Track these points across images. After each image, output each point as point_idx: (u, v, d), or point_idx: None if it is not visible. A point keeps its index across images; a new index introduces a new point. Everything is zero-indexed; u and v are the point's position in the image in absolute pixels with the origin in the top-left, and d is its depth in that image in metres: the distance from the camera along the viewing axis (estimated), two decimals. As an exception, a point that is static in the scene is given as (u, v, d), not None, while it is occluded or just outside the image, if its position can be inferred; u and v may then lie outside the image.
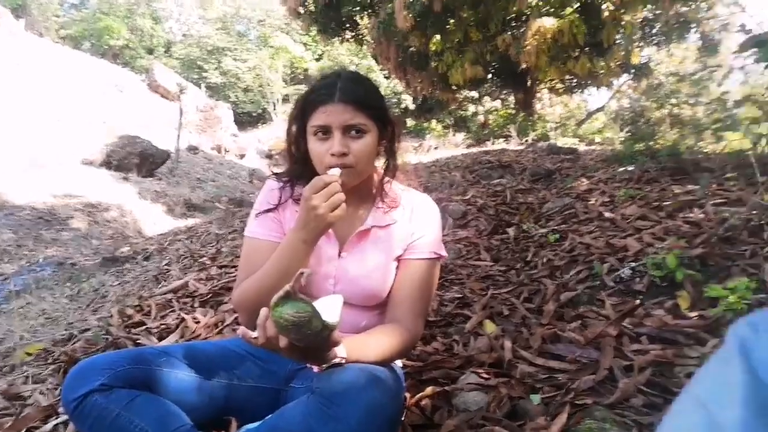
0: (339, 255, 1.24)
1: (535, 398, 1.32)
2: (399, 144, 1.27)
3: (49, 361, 2.23)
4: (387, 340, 1.14)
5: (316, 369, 1.02)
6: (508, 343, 1.64)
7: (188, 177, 12.79)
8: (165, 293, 2.92)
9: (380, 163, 1.27)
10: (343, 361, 1.01)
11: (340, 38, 11.46)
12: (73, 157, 10.49)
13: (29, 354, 2.43)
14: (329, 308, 0.98)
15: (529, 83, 11.31)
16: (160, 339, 2.15)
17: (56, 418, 1.53)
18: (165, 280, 3.64)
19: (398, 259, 1.25)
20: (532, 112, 11.69)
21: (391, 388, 1.00)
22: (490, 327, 1.85)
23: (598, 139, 10.95)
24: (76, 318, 3.48)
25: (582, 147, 7.92)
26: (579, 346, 1.58)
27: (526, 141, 9.50)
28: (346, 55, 25.27)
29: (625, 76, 11.43)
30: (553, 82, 11.60)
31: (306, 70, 29.34)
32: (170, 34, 34.04)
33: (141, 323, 2.43)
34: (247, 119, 27.33)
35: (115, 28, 29.31)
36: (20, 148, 9.92)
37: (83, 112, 13.60)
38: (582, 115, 15.39)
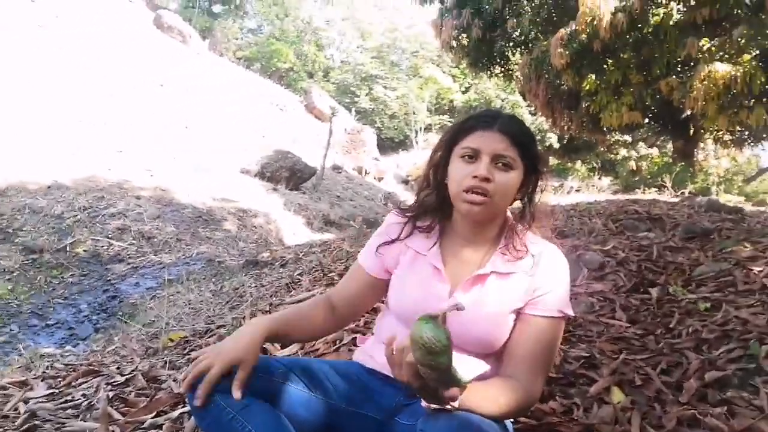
0: (450, 294, 1.20)
1: (662, 487, 1.17)
2: (541, 194, 1.24)
3: (186, 350, 2.46)
4: (505, 394, 1.06)
5: (423, 404, 0.99)
6: (636, 418, 1.48)
7: (329, 194, 13.53)
8: (293, 302, 3.08)
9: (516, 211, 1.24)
10: (456, 405, 0.95)
11: (489, 72, 11.45)
12: (233, 166, 11.63)
13: (171, 340, 2.69)
14: (468, 365, 0.94)
15: (692, 132, 10.37)
16: (283, 347, 2.27)
17: (183, 407, 1.67)
18: (295, 289, 3.85)
19: (518, 312, 1.17)
20: (693, 163, 10.67)
21: None
22: (618, 395, 1.68)
23: (770, 199, 9.70)
24: (216, 313, 3.81)
25: (749, 207, 7.05)
26: (722, 437, 1.38)
27: (682, 194, 8.69)
28: (493, 89, 25.25)
29: (809, 132, 10.02)
30: (721, 132, 10.51)
31: (452, 101, 29.79)
32: (330, 60, 36.54)
33: (268, 329, 2.57)
34: (390, 144, 28.30)
35: (283, 52, 32.18)
36: (190, 153, 11.22)
37: (247, 125, 15.07)
38: (752, 171, 13.75)
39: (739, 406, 1.55)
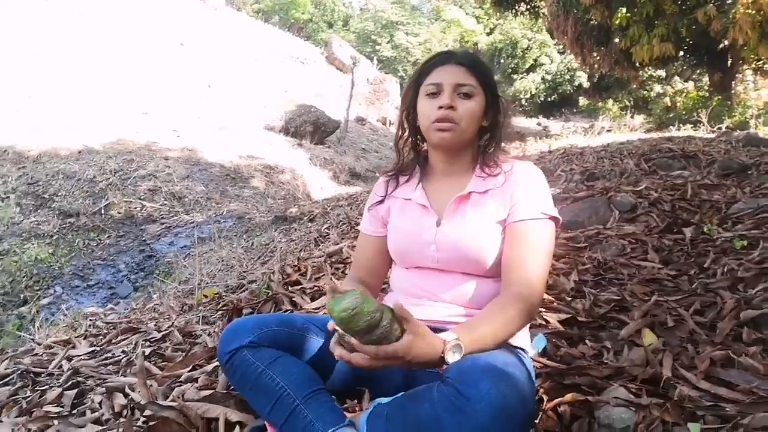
0: (439, 224, 1.28)
1: (695, 428, 1.15)
2: (505, 122, 1.32)
3: (219, 306, 2.53)
4: (501, 316, 1.09)
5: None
6: (668, 359, 1.46)
7: (354, 147, 13.46)
8: (321, 256, 3.12)
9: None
10: (458, 357, 0.98)
11: (515, 11, 11.03)
12: (257, 123, 11.62)
13: (206, 296, 2.77)
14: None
15: (729, 63, 9.86)
16: (312, 300, 2.30)
17: (218, 361, 1.72)
18: (323, 243, 3.89)
19: (504, 224, 1.24)
20: (730, 96, 10.18)
21: (522, 386, 0.97)
22: (649, 338, 1.66)
23: (813, 131, 9.21)
24: (247, 269, 3.89)
25: (791, 140, 6.73)
26: (757, 376, 1.35)
27: (719, 129, 8.32)
28: (519, 28, 24.29)
29: None
30: (761, 62, 9.95)
31: (476, 44, 28.84)
32: (349, 8, 35.65)
33: (297, 282, 2.62)
34: (414, 93, 27.81)
35: (301, 2, 31.48)
36: (214, 112, 11.23)
37: (269, 81, 14.94)
38: (794, 103, 13.06)
39: (776, 345, 1.51)
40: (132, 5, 15.00)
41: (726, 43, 7.74)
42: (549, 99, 22.92)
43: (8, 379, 1.90)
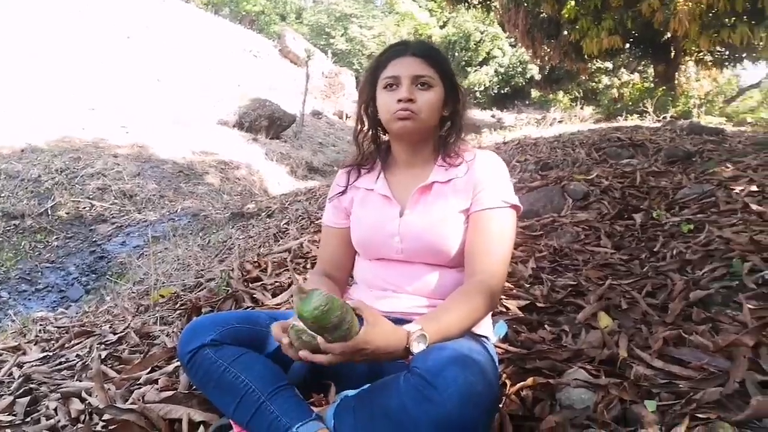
0: (402, 214, 1.28)
1: (651, 404, 1.20)
2: (464, 111, 1.32)
3: (177, 305, 2.46)
4: (465, 305, 1.11)
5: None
6: (623, 341, 1.52)
7: (311, 140, 13.33)
8: (281, 252, 3.08)
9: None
10: (423, 347, 1.00)
11: (467, 4, 11.11)
12: (210, 117, 11.35)
13: (162, 296, 2.69)
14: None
15: (672, 54, 10.25)
16: (274, 296, 2.28)
17: (177, 361, 1.68)
18: (283, 239, 3.84)
19: (467, 214, 1.25)
20: (674, 86, 10.59)
21: (487, 373, 0.98)
22: (605, 320, 1.72)
23: (750, 119, 9.69)
24: (205, 267, 3.81)
25: (730, 128, 7.07)
26: (707, 353, 1.41)
27: (664, 118, 8.65)
28: (471, 21, 24.50)
29: (789, 49, 9.93)
30: (702, 53, 10.38)
31: (430, 37, 28.92)
32: (302, 1, 35.16)
33: (258, 279, 2.58)
34: (370, 86, 27.74)
35: (252, -6, 30.83)
36: (164, 107, 10.90)
37: (221, 75, 14.60)
38: (732, 92, 13.71)
39: (724, 323, 1.59)
40: (73, -3, 14.35)
41: (669, 35, 8.02)
42: (502, 91, 23.26)
43: (-48, 390, 1.80)
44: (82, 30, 12.77)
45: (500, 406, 1.26)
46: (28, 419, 1.51)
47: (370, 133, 1.38)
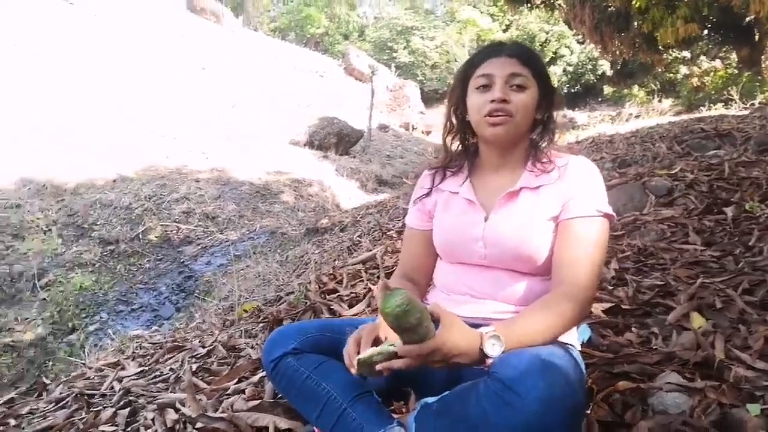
0: (486, 219, 1.23)
1: (754, 408, 1.11)
2: (557, 113, 1.28)
3: (260, 319, 2.56)
4: (547, 314, 1.06)
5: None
6: (720, 341, 1.42)
7: (379, 154, 13.49)
8: (355, 264, 3.13)
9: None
10: (498, 350, 0.97)
11: (529, 5, 10.88)
12: (282, 138, 11.77)
13: (246, 311, 2.81)
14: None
15: (757, 37, 9.54)
16: (350, 306, 2.32)
17: (262, 372, 1.75)
18: (356, 251, 3.90)
19: (556, 221, 1.19)
20: (761, 70, 9.84)
21: (570, 378, 0.94)
22: (698, 321, 1.61)
23: None
24: (284, 281, 3.94)
25: (829, 109, 6.48)
26: (817, 352, 1.30)
27: (752, 105, 8.06)
28: (535, 22, 24.02)
29: None
30: (789, 33, 9.60)
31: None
32: (363, 19, 35.85)
33: (334, 290, 2.64)
34: (434, 96, 27.70)
35: (315, 17, 31.80)
36: (240, 131, 11.43)
37: (290, 97, 15.14)
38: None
39: (833, 319, 1.45)
40: (152, 34, 15.42)
41: (751, 17, 7.48)
42: (572, 90, 22.59)
43: (63, 402, 1.97)
44: (160, 63, 13.69)
45: (588, 412, 1.21)
46: (129, 429, 1.61)
47: (459, 135, 1.34)
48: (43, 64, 11.17)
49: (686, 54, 13.09)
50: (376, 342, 1.09)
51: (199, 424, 1.42)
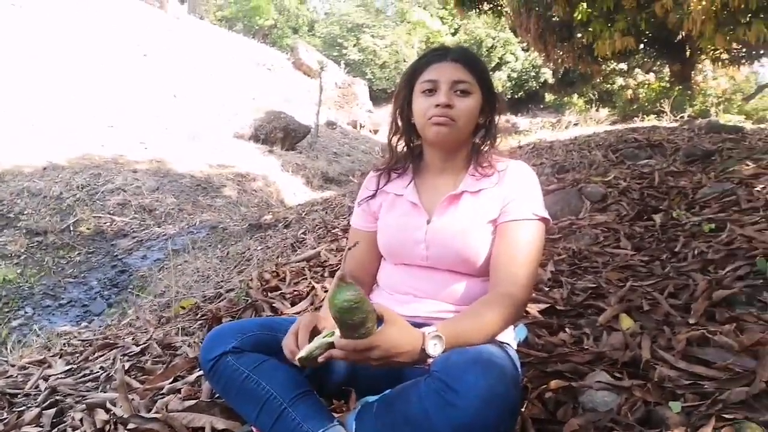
0: (429, 222, 1.27)
1: (675, 406, 1.18)
2: (499, 118, 1.31)
3: (198, 316, 2.49)
4: (486, 314, 1.09)
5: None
6: (646, 342, 1.49)
7: (326, 151, 13.41)
8: (299, 261, 3.10)
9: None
10: (439, 349, 0.99)
11: (478, 10, 11.09)
12: (226, 131, 11.49)
13: (183, 308, 2.73)
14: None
15: (688, 53, 10.13)
16: (293, 305, 2.29)
17: (199, 371, 1.70)
18: (300, 248, 3.86)
19: (495, 224, 1.23)
20: (691, 85, 10.47)
21: (509, 375, 0.97)
22: (626, 322, 1.70)
23: (770, 116, 9.54)
24: (224, 278, 3.84)
25: (749, 125, 6.96)
26: (732, 353, 1.39)
27: (682, 118, 8.55)
28: (482, 28, 24.53)
29: (809, 44, 9.75)
30: (718, 52, 10.24)
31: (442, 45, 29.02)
32: (314, 13, 35.52)
33: (276, 288, 2.60)
34: (382, 95, 27.78)
35: (264, 8, 31.18)
36: (181, 122, 11.07)
37: (236, 89, 14.80)
38: (751, 89, 13.46)
39: (748, 322, 1.56)
40: (92, 17, 14.68)
41: (683, 34, 7.93)
42: (516, 96, 23.19)
43: (-19, 403, 1.84)
44: (99, 48, 13.05)
45: (522, 409, 1.25)
46: (55, 430, 1.53)
47: (404, 138, 1.37)
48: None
49: (623, 66, 13.71)
50: (314, 332, 1.09)
51: (131, 425, 1.36)
